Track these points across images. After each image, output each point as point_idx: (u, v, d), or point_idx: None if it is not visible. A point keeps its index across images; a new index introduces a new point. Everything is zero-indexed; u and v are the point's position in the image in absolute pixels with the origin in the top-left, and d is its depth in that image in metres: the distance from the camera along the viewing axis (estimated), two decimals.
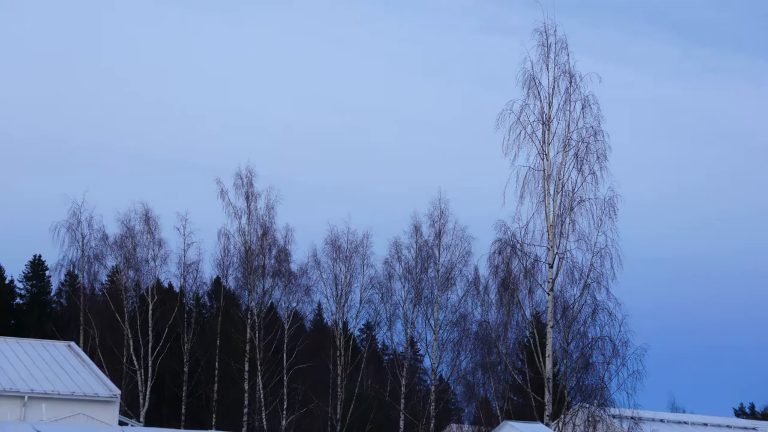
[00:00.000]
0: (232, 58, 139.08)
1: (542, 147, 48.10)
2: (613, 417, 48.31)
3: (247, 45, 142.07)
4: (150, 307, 65.61)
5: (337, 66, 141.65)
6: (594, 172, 47.83)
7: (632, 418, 49.33)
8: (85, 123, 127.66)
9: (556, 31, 48.60)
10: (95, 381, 46.45)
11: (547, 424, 45.43)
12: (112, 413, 45.64)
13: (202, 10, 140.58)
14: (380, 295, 66.30)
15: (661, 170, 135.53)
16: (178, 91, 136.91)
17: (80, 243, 65.52)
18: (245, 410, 64.63)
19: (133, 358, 64.82)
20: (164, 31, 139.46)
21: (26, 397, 44.00)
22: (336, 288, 66.91)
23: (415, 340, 66.75)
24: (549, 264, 47.46)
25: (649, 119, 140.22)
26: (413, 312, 65.07)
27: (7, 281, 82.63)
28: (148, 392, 64.37)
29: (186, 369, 67.00)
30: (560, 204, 47.78)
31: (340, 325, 67.19)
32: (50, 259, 77.14)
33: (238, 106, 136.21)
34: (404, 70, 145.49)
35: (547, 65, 48.64)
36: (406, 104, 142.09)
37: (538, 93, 48.48)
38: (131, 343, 64.90)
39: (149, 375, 64.75)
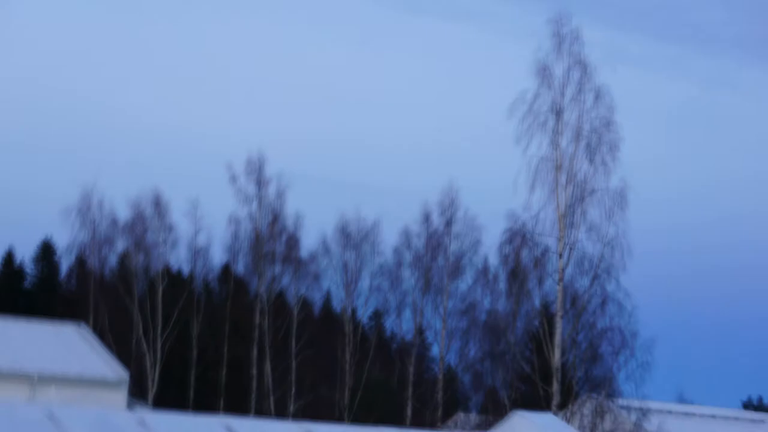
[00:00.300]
0: (243, 51, 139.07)
1: (554, 137, 48.04)
2: (621, 408, 48.31)
3: (258, 38, 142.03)
4: (159, 291, 65.73)
5: (347, 58, 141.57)
6: (605, 163, 47.76)
7: (640, 409, 49.30)
8: (96, 106, 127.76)
9: (570, 21, 48.52)
10: (104, 364, 46.62)
11: (554, 414, 45.45)
12: (121, 396, 45.83)
13: (218, 3, 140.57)
14: (389, 282, 66.40)
15: (674, 164, 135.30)
16: (190, 76, 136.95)
17: (91, 226, 65.64)
18: (253, 395, 64.76)
19: (143, 341, 64.97)
20: (177, 22, 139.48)
21: (36, 377, 44.17)
22: (345, 275, 66.98)
23: (423, 328, 66.84)
24: (559, 254, 47.43)
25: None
26: (422, 300, 65.19)
27: (17, 264, 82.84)
28: (156, 376, 64.52)
29: (194, 354, 67.15)
30: (571, 194, 47.71)
31: (349, 312, 67.25)
32: (60, 243, 77.30)
33: (250, 95, 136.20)
34: (414, 60, 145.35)
35: (561, 55, 48.56)
36: (417, 93, 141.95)
37: (551, 83, 48.40)
38: (140, 327, 65.05)
39: (158, 359, 64.89)
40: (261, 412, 64.75)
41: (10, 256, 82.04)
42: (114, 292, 64.96)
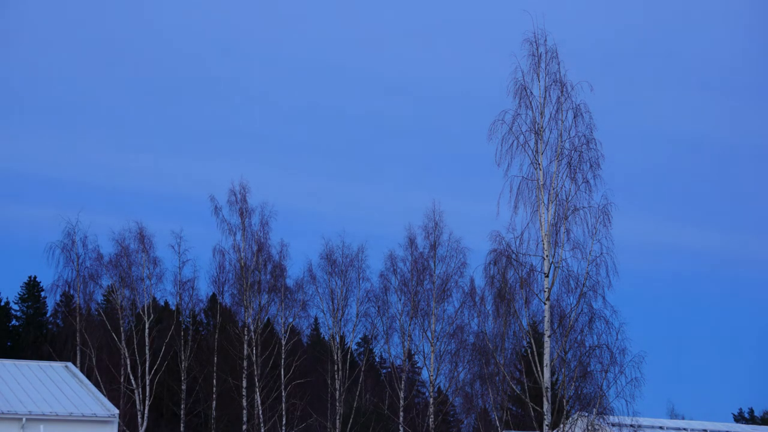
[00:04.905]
0: (225, 72, 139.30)
1: (535, 157, 48.12)
2: (613, 425, 48.25)
3: (240, 60, 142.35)
4: (146, 325, 65.52)
5: (329, 77, 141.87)
6: (587, 181, 47.80)
7: (631, 425, 49.26)
8: (75, 143, 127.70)
9: (546, 41, 48.69)
10: (93, 401, 46.36)
11: None
12: None
13: (204, 30, 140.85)
14: (377, 308, 66.34)
15: (654, 173, 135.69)
16: (173, 104, 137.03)
17: (75, 263, 65.46)
18: (244, 427, 64.50)
19: (131, 377, 64.70)
20: (163, 48, 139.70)
21: (24, 419, 43.89)
22: (332, 302, 66.91)
23: (412, 352, 66.73)
24: (545, 273, 47.44)
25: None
26: (410, 324, 65.12)
27: (2, 303, 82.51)
28: (146, 411, 64.24)
29: (184, 387, 66.88)
30: (554, 213, 47.75)
31: (337, 339, 67.14)
32: (45, 280, 77.11)
33: (232, 118, 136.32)
34: (396, 80, 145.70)
35: (538, 75, 48.68)
36: (398, 116, 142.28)
37: (530, 103, 48.49)
38: (128, 362, 64.78)
39: (147, 394, 64.61)
40: None
41: None
42: (101, 329, 64.74)
